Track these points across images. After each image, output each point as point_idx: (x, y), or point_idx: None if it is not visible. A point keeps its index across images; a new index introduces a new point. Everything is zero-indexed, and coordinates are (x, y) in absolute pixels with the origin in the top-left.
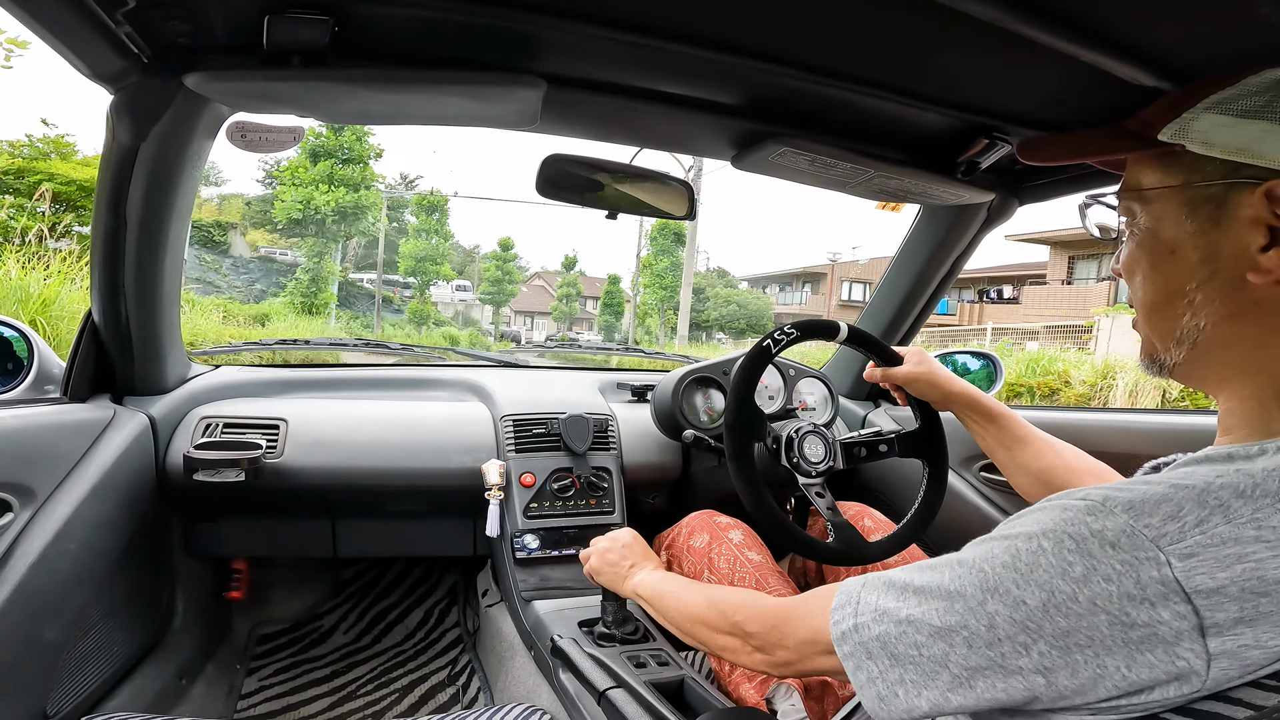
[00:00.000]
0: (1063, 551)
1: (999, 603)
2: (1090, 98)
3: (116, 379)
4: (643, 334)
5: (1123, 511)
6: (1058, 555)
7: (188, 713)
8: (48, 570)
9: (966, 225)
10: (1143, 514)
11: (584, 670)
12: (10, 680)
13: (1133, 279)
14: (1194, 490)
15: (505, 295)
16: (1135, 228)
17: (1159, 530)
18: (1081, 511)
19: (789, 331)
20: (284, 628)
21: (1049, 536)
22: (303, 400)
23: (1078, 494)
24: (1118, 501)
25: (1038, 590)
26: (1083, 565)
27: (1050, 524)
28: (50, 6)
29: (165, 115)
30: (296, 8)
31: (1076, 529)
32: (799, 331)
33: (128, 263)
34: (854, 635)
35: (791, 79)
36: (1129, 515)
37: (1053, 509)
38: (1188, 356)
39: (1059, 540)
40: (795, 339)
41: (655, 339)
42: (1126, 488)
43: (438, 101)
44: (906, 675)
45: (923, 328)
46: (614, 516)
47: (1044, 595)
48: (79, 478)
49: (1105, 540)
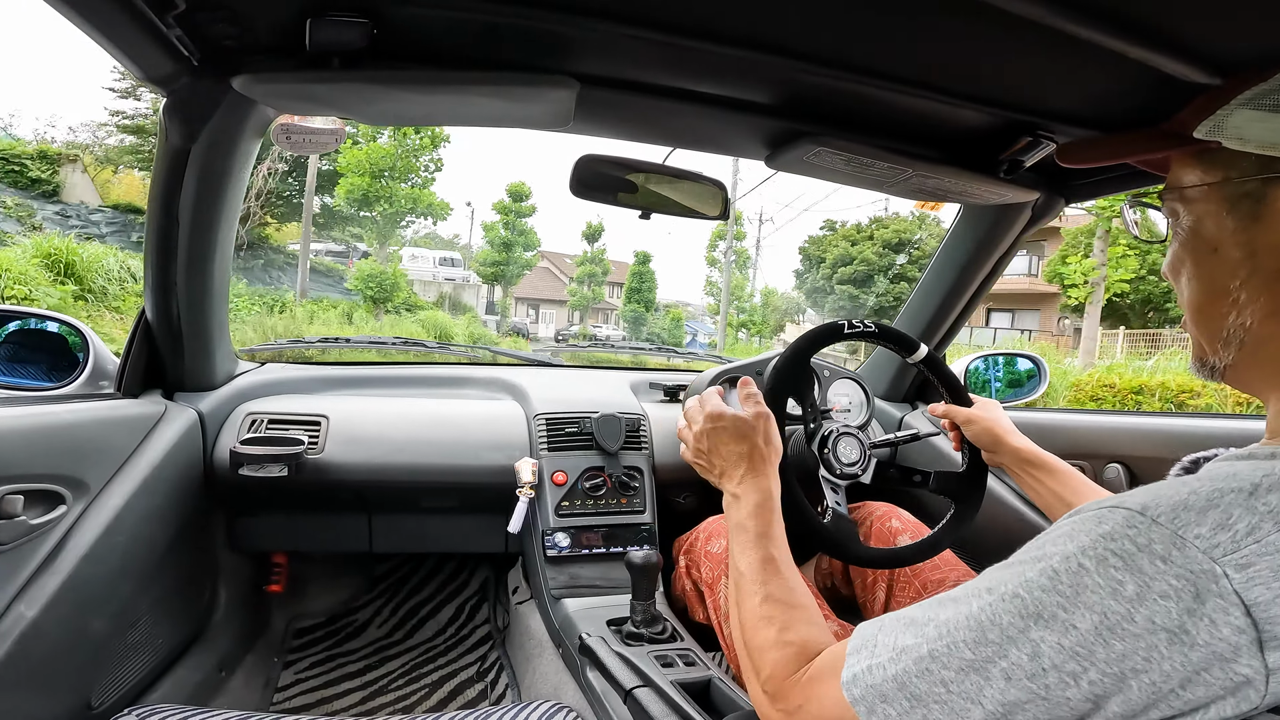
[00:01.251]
0: (1108, 570)
1: (1045, 629)
2: (1139, 95)
3: (167, 375)
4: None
5: (1168, 521)
6: (1104, 574)
7: (225, 705)
8: (97, 562)
9: (1010, 225)
10: (1189, 523)
11: (611, 669)
12: (57, 672)
13: (1178, 279)
14: (1241, 493)
15: (515, 270)
16: (1179, 228)
17: (1210, 541)
18: (1121, 524)
19: (868, 325)
20: (320, 621)
21: (1089, 554)
22: (343, 397)
23: (1108, 502)
24: (1160, 510)
25: (1088, 613)
26: (1135, 583)
27: (1088, 541)
28: (105, 11)
29: (214, 117)
30: (336, 10)
31: (1120, 544)
32: (878, 331)
33: (179, 262)
34: (866, 677)
35: (826, 77)
36: (1175, 525)
37: (1085, 521)
38: (1236, 358)
39: (1101, 558)
40: (870, 335)
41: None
42: (1167, 493)
43: (472, 103)
44: (931, 715)
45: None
46: (645, 516)
47: (1096, 618)
48: (130, 471)
49: (1155, 554)
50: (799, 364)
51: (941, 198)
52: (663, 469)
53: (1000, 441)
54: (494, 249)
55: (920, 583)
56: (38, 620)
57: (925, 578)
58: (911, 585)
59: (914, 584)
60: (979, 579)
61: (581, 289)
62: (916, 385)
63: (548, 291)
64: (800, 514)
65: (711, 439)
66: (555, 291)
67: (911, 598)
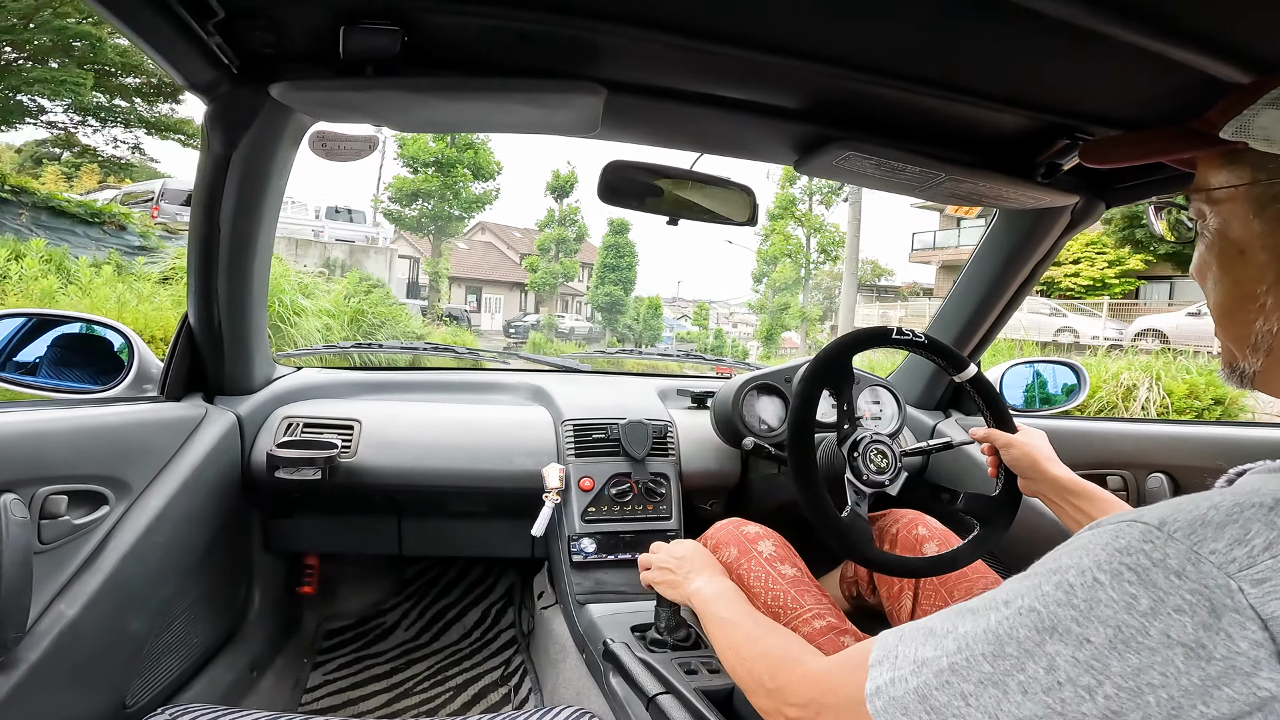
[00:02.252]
0: (1122, 584)
1: (1059, 643)
2: (1182, 96)
3: (208, 379)
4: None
5: (1184, 537)
6: (1118, 588)
7: (256, 705)
8: (138, 562)
9: (1047, 229)
10: (1206, 539)
11: (634, 675)
12: (94, 671)
13: (1205, 283)
14: (1262, 508)
15: (454, 215)
16: (1206, 230)
17: (1226, 556)
18: (1138, 539)
19: (917, 335)
20: (349, 623)
21: (1104, 568)
22: (375, 402)
23: (1127, 516)
24: (1177, 525)
25: (1102, 627)
26: (1149, 598)
27: (1104, 555)
28: (149, 18)
29: (254, 124)
30: (368, 18)
31: (1134, 559)
32: (927, 343)
33: (220, 268)
34: (888, 690)
35: (856, 82)
36: (1191, 540)
37: (1101, 535)
38: (1265, 364)
39: (1116, 572)
40: (919, 346)
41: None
42: (1186, 507)
43: (501, 109)
44: None
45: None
46: (671, 523)
47: (1110, 632)
48: (171, 473)
49: (1170, 569)
50: (841, 360)
51: (976, 202)
52: (689, 475)
53: (1039, 468)
54: (417, 172)
55: (947, 591)
56: (77, 619)
57: (952, 585)
58: (939, 593)
59: (940, 592)
60: (997, 591)
61: (547, 265)
62: (950, 394)
63: (491, 270)
64: (818, 508)
65: (677, 555)
66: (501, 271)
67: (938, 605)
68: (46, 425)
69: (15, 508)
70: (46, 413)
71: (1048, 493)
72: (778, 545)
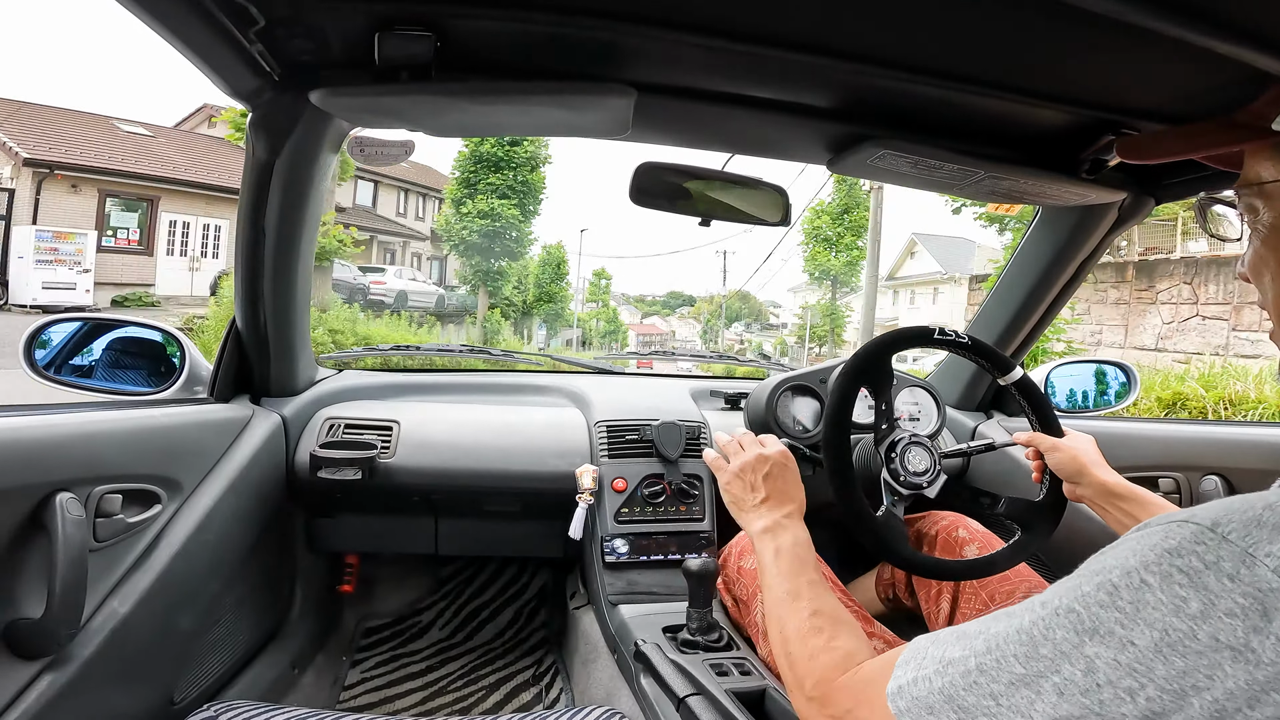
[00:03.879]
0: (1172, 586)
1: (1100, 645)
2: (1230, 91)
3: (254, 381)
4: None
5: (1239, 539)
6: (1167, 591)
7: (296, 702)
8: (188, 560)
9: (1093, 226)
10: (1261, 541)
11: (665, 675)
12: (144, 667)
13: (1260, 280)
14: None
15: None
16: (1259, 225)
17: None
18: (1189, 540)
19: (961, 336)
20: (386, 621)
21: (1153, 570)
22: (414, 403)
23: (1178, 517)
24: (1231, 526)
25: (1148, 629)
26: (1200, 601)
27: (1152, 556)
28: (193, 27)
29: (295, 131)
30: (402, 25)
31: (1186, 561)
32: (970, 344)
33: (266, 272)
34: (911, 689)
35: (889, 79)
36: (1246, 543)
37: (1150, 536)
38: None
39: (1165, 574)
40: (962, 347)
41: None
42: (1240, 508)
43: (533, 113)
44: None
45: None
46: (704, 524)
47: (1156, 635)
48: (220, 473)
49: (1222, 572)
50: (880, 359)
51: (1017, 199)
52: None
53: (1085, 473)
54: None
55: (988, 594)
56: (129, 616)
57: (994, 589)
58: (979, 596)
59: (980, 595)
60: (1040, 594)
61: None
62: (992, 395)
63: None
64: (853, 508)
65: (762, 471)
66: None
67: (978, 610)
68: (102, 426)
69: (71, 506)
70: (101, 414)
71: (1095, 498)
72: None
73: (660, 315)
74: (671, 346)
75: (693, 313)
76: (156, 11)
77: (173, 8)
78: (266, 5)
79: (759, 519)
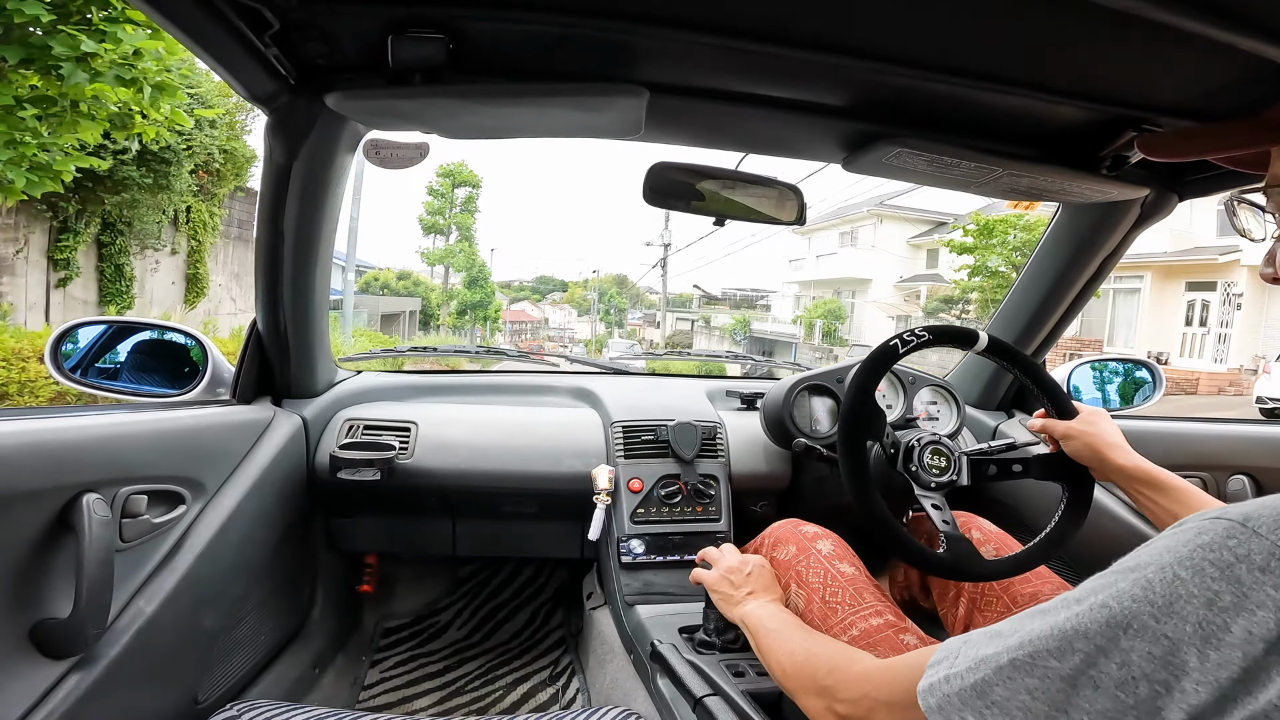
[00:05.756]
0: (1205, 580)
1: (1135, 639)
2: (1254, 88)
3: (275, 383)
4: None
5: (1269, 532)
6: (1200, 585)
7: (317, 701)
8: (212, 560)
9: (1116, 223)
10: None
11: (681, 676)
12: (170, 666)
13: None
14: None
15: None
16: None
17: None
18: (1221, 535)
19: (919, 334)
20: (405, 622)
21: (1185, 565)
22: (431, 404)
23: (1212, 513)
24: (1261, 521)
25: (1182, 623)
26: (1232, 594)
27: (1185, 552)
28: (211, 31)
29: (312, 134)
30: (415, 28)
31: (1218, 554)
32: (930, 335)
33: (285, 275)
34: (944, 686)
35: (905, 77)
36: (1277, 536)
37: (1185, 533)
38: None
39: (1198, 568)
40: (926, 343)
41: None
42: (1272, 504)
43: (546, 114)
44: None
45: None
46: (720, 524)
47: (1190, 628)
48: (243, 474)
49: (1254, 565)
50: (866, 403)
51: (1037, 197)
52: (739, 477)
53: (1104, 459)
54: None
55: (1010, 597)
56: (155, 616)
57: (1016, 591)
58: (1000, 600)
59: (1003, 599)
60: (1073, 591)
61: None
62: (1013, 393)
63: None
64: (868, 507)
65: (745, 570)
66: None
67: (999, 613)
68: (127, 428)
69: (98, 507)
70: (127, 415)
71: (1122, 482)
72: (836, 545)
73: (530, 301)
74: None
75: (565, 298)
76: (172, 15)
77: (188, 11)
78: (280, 9)
79: (749, 604)
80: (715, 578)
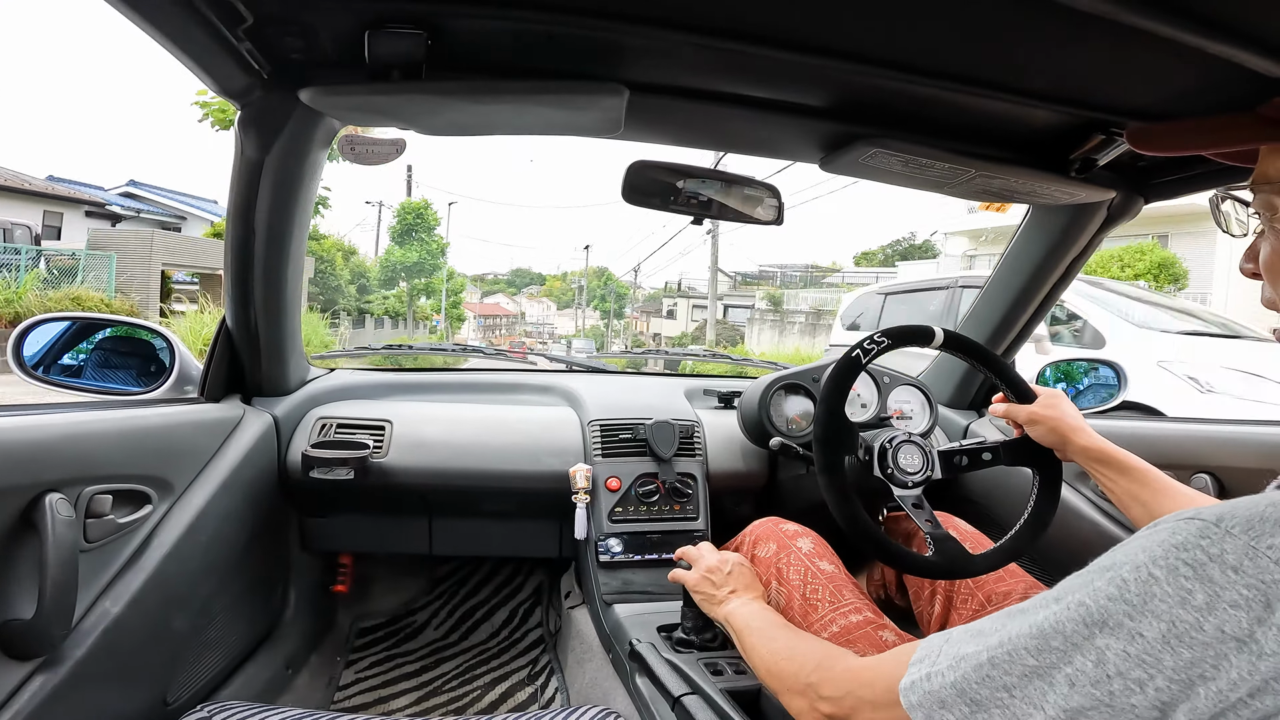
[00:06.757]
0: (1178, 579)
1: (1110, 637)
2: (1222, 90)
3: (246, 380)
4: None
5: (1241, 532)
6: (1173, 583)
7: (291, 702)
8: (180, 561)
9: (1084, 225)
10: (1264, 534)
11: (660, 675)
12: (138, 667)
13: (1275, 278)
14: None
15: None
16: (1276, 223)
17: None
18: (1195, 535)
19: (878, 340)
20: (381, 622)
21: (1160, 564)
22: (407, 403)
23: (1186, 514)
24: (1234, 521)
25: (1156, 621)
26: (1205, 593)
27: (1159, 551)
28: (181, 25)
29: (285, 129)
30: (393, 23)
31: (1191, 554)
32: (889, 339)
33: (256, 271)
34: (924, 684)
35: (881, 79)
36: (1248, 536)
37: (1159, 533)
38: None
39: (1172, 568)
40: (886, 347)
41: None
42: (1245, 505)
43: (526, 112)
44: None
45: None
46: (698, 523)
47: (1164, 626)
48: (211, 473)
49: (1226, 565)
50: (838, 422)
51: (1008, 199)
52: (716, 476)
53: (1068, 441)
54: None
55: (984, 595)
56: (121, 617)
57: (990, 589)
58: (975, 598)
59: (977, 596)
60: (1051, 590)
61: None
62: (984, 392)
63: None
64: (842, 506)
65: (725, 570)
66: None
67: (975, 610)
68: (91, 426)
69: (61, 507)
70: (91, 414)
71: (1085, 463)
72: (816, 543)
73: (506, 294)
74: (658, 346)
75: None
76: (142, 9)
77: (159, 5)
78: (255, 3)
79: (731, 603)
80: (696, 578)
